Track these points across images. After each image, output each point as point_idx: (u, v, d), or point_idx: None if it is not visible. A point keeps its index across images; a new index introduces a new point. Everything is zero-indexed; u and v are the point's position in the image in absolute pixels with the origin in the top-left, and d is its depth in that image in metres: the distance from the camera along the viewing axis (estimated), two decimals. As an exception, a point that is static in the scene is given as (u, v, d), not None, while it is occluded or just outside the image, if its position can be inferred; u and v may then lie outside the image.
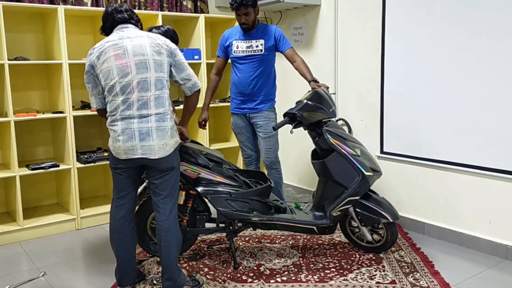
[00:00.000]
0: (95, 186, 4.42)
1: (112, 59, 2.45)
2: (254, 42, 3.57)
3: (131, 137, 2.43)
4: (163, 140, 2.46)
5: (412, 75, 3.56)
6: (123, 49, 2.45)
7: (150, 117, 2.44)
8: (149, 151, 2.45)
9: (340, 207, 3.06)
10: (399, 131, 3.71)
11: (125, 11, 2.57)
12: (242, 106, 3.69)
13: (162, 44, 2.51)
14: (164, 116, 2.47)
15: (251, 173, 3.28)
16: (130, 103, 2.44)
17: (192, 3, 4.72)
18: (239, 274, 2.96)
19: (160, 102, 2.47)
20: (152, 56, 2.46)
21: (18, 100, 3.92)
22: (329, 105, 3.12)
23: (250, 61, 3.58)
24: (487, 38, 3.10)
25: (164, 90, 2.49)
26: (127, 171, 2.58)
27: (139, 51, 2.44)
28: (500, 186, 3.17)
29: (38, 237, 3.75)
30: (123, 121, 2.45)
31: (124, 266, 2.70)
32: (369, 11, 3.83)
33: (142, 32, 2.55)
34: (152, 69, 2.45)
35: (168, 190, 2.56)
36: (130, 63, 2.44)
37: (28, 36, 3.95)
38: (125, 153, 2.48)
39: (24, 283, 2.96)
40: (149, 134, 2.44)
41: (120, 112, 2.45)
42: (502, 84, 3.07)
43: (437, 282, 2.81)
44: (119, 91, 2.45)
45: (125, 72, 2.43)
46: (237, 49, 3.60)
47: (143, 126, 2.43)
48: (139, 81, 2.43)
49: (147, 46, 2.46)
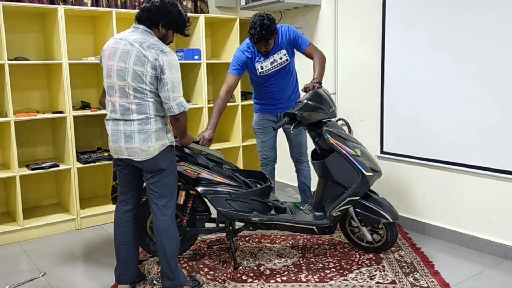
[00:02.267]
0: (95, 186, 4.42)
1: (106, 57, 2.51)
2: (277, 56, 3.41)
3: (118, 138, 2.50)
4: (146, 143, 2.46)
5: (412, 75, 3.56)
6: (115, 51, 2.47)
7: (133, 121, 2.46)
8: (133, 153, 2.49)
9: (340, 207, 3.06)
10: (399, 131, 3.71)
11: (146, 10, 2.50)
12: (274, 108, 3.61)
13: (150, 57, 2.39)
14: (146, 121, 2.45)
15: (251, 173, 3.28)
16: (115, 107, 2.50)
17: (192, 3, 4.72)
18: (239, 274, 2.96)
19: (141, 110, 2.44)
20: (134, 65, 2.41)
21: (18, 100, 3.92)
22: (329, 105, 3.12)
23: (280, 74, 3.49)
24: (487, 38, 3.10)
25: (146, 98, 2.44)
26: (126, 168, 2.64)
27: (123, 58, 2.44)
28: (500, 186, 3.16)
29: (38, 237, 3.75)
30: (113, 121, 2.53)
31: (124, 262, 2.71)
32: (369, 11, 3.83)
33: (142, 39, 2.45)
34: (130, 78, 2.42)
35: (161, 191, 2.56)
36: (114, 67, 2.46)
37: (28, 36, 3.95)
38: (115, 153, 2.57)
39: (24, 283, 2.96)
40: (132, 137, 2.46)
41: (110, 113, 2.54)
42: (502, 84, 3.06)
43: (437, 282, 2.81)
44: (107, 90, 2.54)
45: (109, 74, 2.49)
46: (262, 70, 3.42)
47: (127, 129, 2.48)
48: (120, 87, 2.46)
49: (132, 55, 2.42)
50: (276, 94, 3.57)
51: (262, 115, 3.64)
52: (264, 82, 3.52)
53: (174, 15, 2.54)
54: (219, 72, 4.83)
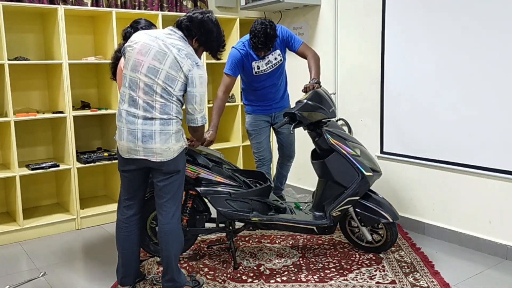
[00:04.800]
0: (95, 186, 4.42)
1: (136, 51, 2.45)
2: (271, 56, 3.45)
3: (135, 137, 2.43)
4: (166, 144, 2.44)
5: (412, 75, 3.56)
6: (148, 48, 2.43)
7: (155, 120, 2.42)
8: (151, 154, 2.44)
9: (340, 207, 3.06)
10: (399, 131, 3.71)
11: (189, 19, 2.50)
12: (268, 108, 3.65)
13: (185, 67, 2.41)
14: (169, 121, 2.44)
15: (251, 173, 3.28)
16: (136, 101, 2.43)
17: (192, 3, 4.72)
18: (239, 274, 2.96)
19: (165, 110, 2.42)
20: (169, 68, 2.41)
21: (18, 100, 3.92)
22: (329, 105, 3.12)
23: (274, 74, 3.53)
24: (487, 38, 3.10)
25: (171, 100, 2.43)
26: (133, 174, 2.58)
27: (158, 58, 2.41)
28: (500, 186, 3.16)
29: (38, 237, 3.75)
30: (128, 117, 2.45)
31: (128, 266, 2.70)
32: (369, 11, 3.83)
33: (180, 45, 2.45)
34: (161, 78, 2.41)
35: (171, 193, 2.54)
36: (145, 63, 2.42)
37: (28, 36, 3.96)
38: (127, 152, 2.49)
39: (24, 283, 2.96)
40: (152, 137, 2.42)
41: (127, 107, 2.45)
42: (502, 84, 3.06)
43: (437, 282, 2.81)
44: (129, 84, 2.46)
45: (136, 68, 2.44)
46: (258, 70, 3.46)
47: (147, 128, 2.42)
48: (146, 84, 2.41)
49: (169, 58, 2.40)
50: (270, 95, 3.60)
51: (257, 116, 3.66)
52: (258, 82, 3.54)
53: (211, 35, 2.54)
54: (219, 72, 4.82)
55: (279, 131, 3.69)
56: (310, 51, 3.42)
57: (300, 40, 3.47)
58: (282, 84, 3.66)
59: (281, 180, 3.93)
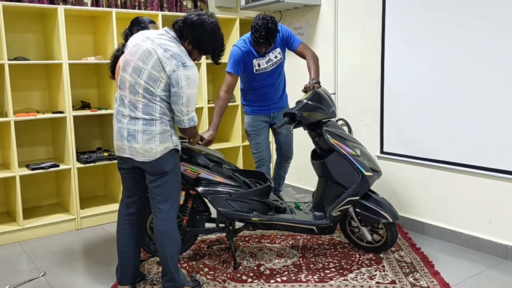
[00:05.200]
0: (95, 186, 4.42)
1: (127, 51, 2.49)
2: (272, 55, 3.45)
3: (122, 135, 2.48)
4: (148, 145, 2.42)
5: (412, 75, 3.56)
6: (137, 48, 2.44)
7: (138, 120, 2.43)
8: (135, 153, 2.46)
9: (340, 207, 3.06)
10: (399, 131, 3.70)
11: (182, 20, 2.46)
12: (267, 108, 3.65)
13: (168, 68, 2.36)
14: (151, 122, 2.42)
15: (251, 173, 3.28)
16: (124, 101, 2.48)
17: (192, 3, 4.72)
18: (239, 274, 2.96)
19: (147, 110, 2.42)
20: (151, 68, 2.39)
21: (18, 100, 3.92)
22: (329, 105, 3.12)
23: (273, 73, 3.53)
24: (487, 38, 3.10)
25: (153, 100, 2.41)
26: (130, 172, 2.61)
27: (142, 58, 2.41)
28: (500, 186, 3.16)
29: (38, 237, 3.75)
30: (117, 116, 2.51)
31: (126, 264, 2.70)
32: (369, 11, 3.83)
33: (168, 45, 2.41)
34: (143, 78, 2.40)
35: (164, 195, 2.53)
36: (131, 63, 2.44)
37: (28, 36, 3.95)
38: (117, 150, 2.55)
39: (24, 283, 2.96)
40: (135, 137, 2.43)
41: (118, 106, 2.52)
42: (502, 84, 3.06)
43: (437, 282, 2.81)
44: (118, 84, 2.53)
45: (124, 68, 2.48)
46: (259, 68, 3.45)
47: (131, 128, 2.45)
48: (130, 84, 2.44)
49: (153, 59, 2.39)
50: (269, 94, 3.60)
51: (256, 117, 3.66)
52: (257, 81, 3.54)
53: (203, 39, 2.46)
54: (219, 72, 4.82)
55: (277, 131, 3.69)
56: (309, 51, 3.44)
57: (299, 39, 3.49)
58: (281, 84, 3.66)
59: (279, 181, 3.92)
